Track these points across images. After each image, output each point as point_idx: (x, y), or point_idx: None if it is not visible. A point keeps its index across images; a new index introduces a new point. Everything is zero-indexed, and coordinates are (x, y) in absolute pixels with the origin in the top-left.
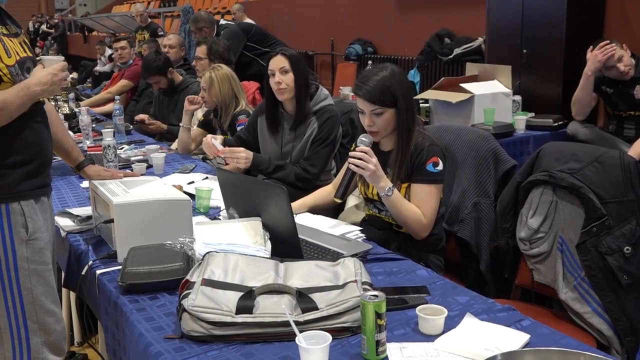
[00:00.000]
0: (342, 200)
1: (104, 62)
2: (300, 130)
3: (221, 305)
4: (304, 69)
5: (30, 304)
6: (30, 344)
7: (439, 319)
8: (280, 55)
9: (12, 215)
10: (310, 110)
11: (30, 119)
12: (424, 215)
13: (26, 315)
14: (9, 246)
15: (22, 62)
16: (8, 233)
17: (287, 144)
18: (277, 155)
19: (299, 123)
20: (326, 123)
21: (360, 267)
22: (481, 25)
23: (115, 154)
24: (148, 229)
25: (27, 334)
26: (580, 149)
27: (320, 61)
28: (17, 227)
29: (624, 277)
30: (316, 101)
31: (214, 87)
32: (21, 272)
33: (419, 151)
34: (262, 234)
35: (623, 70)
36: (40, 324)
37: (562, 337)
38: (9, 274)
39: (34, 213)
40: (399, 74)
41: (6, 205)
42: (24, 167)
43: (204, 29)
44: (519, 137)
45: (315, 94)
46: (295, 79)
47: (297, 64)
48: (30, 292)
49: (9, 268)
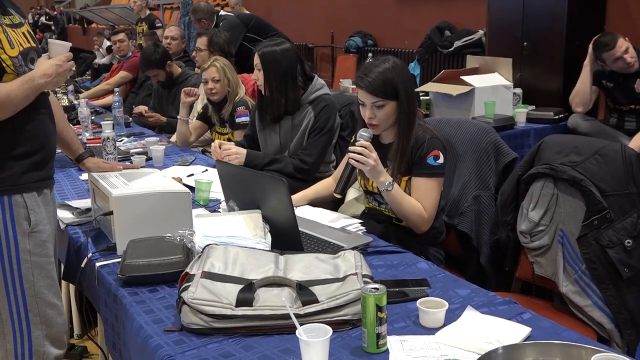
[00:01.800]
0: (342, 195)
1: (102, 53)
2: (297, 121)
3: (221, 298)
4: (277, 65)
5: (32, 296)
6: (32, 336)
7: (440, 312)
8: (256, 53)
9: (14, 207)
10: (304, 100)
11: (34, 110)
12: (425, 209)
13: (28, 308)
14: (11, 238)
15: (26, 53)
16: (10, 225)
17: (285, 135)
18: (276, 147)
19: (285, 114)
20: (322, 112)
21: (360, 260)
22: (482, 17)
23: (114, 147)
24: (147, 221)
25: (29, 326)
26: (582, 142)
27: (320, 54)
28: (20, 220)
29: (625, 270)
30: (311, 91)
31: (227, 77)
32: (23, 264)
33: (420, 144)
34: (262, 227)
35: (630, 62)
36: (41, 316)
37: (563, 331)
38: (11, 267)
39: (36, 205)
40: (401, 67)
41: (9, 198)
42: (27, 159)
43: (202, 20)
44: (520, 129)
45: (310, 84)
46: (265, 77)
47: (267, 61)
48: (32, 285)
49: (11, 260)
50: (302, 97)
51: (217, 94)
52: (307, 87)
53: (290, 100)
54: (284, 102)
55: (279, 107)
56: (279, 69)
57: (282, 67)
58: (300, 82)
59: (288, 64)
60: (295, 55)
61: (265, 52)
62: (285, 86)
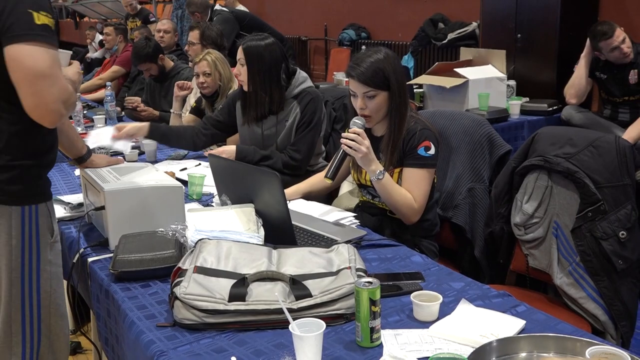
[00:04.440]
0: (332, 180)
1: (94, 47)
2: (282, 116)
3: (214, 293)
4: (261, 61)
5: (46, 307)
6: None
7: (434, 305)
8: (240, 47)
9: (40, 217)
10: (288, 95)
11: None
12: (415, 200)
13: (41, 319)
14: (34, 249)
15: None
16: (35, 236)
17: (269, 129)
18: (258, 141)
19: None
20: (308, 106)
21: (354, 254)
22: (475, 9)
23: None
24: (140, 216)
25: (39, 339)
26: (576, 134)
27: (314, 47)
28: (44, 230)
29: (619, 262)
30: (295, 85)
31: (218, 71)
32: (43, 275)
33: (411, 135)
34: (255, 221)
35: (626, 52)
36: (52, 327)
37: (557, 323)
38: (31, 278)
39: (54, 212)
40: (393, 58)
41: (36, 207)
42: (50, 166)
43: (195, 13)
44: (514, 122)
45: (293, 78)
46: (248, 72)
47: (251, 56)
48: (49, 296)
49: (31, 272)
50: (286, 92)
51: (208, 87)
52: (289, 84)
53: (274, 99)
54: (268, 102)
55: (263, 106)
56: (263, 66)
57: (266, 63)
58: (283, 81)
59: (272, 60)
60: (280, 52)
61: (249, 46)
62: (270, 84)
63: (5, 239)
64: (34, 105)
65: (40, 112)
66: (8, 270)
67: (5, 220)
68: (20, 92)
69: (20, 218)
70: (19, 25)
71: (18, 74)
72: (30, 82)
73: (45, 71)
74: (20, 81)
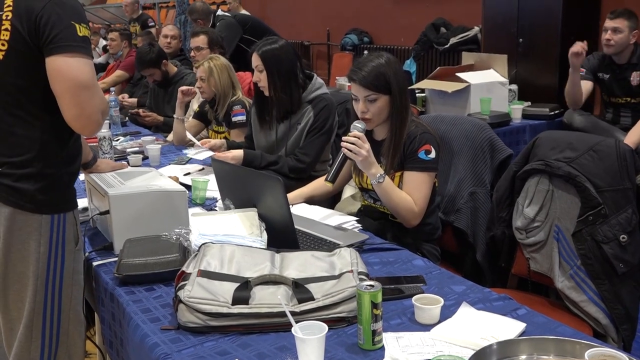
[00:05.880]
0: (332, 183)
1: (98, 53)
2: (295, 120)
3: (217, 296)
4: (280, 64)
5: (66, 313)
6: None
7: (435, 308)
8: (255, 54)
9: (67, 225)
10: (303, 99)
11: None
12: (415, 203)
13: (60, 325)
14: (59, 258)
15: None
16: (61, 244)
17: (282, 134)
18: (271, 146)
19: (289, 114)
20: (322, 112)
21: (356, 257)
22: (477, 14)
23: (110, 146)
24: (144, 220)
25: (57, 343)
26: (576, 138)
27: (316, 51)
28: (69, 238)
29: (620, 266)
30: (310, 90)
31: (213, 77)
32: (65, 282)
33: (412, 139)
34: (258, 225)
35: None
36: (70, 333)
37: (558, 326)
38: (54, 287)
39: (79, 220)
40: (394, 63)
41: (64, 215)
42: (77, 173)
43: (198, 21)
44: (515, 126)
45: (310, 83)
46: (268, 76)
47: (270, 61)
48: (69, 302)
49: (54, 280)
50: (303, 93)
51: (204, 92)
52: (306, 85)
53: (295, 99)
54: (289, 102)
55: (285, 106)
56: (282, 68)
57: (285, 65)
58: (301, 80)
59: (289, 61)
60: (293, 52)
61: (265, 51)
62: (290, 85)
63: (34, 247)
64: (77, 115)
65: (82, 122)
66: (35, 278)
67: (35, 229)
68: (63, 103)
69: (49, 226)
70: (63, 37)
71: (62, 85)
72: (73, 93)
73: (88, 83)
74: (64, 92)
